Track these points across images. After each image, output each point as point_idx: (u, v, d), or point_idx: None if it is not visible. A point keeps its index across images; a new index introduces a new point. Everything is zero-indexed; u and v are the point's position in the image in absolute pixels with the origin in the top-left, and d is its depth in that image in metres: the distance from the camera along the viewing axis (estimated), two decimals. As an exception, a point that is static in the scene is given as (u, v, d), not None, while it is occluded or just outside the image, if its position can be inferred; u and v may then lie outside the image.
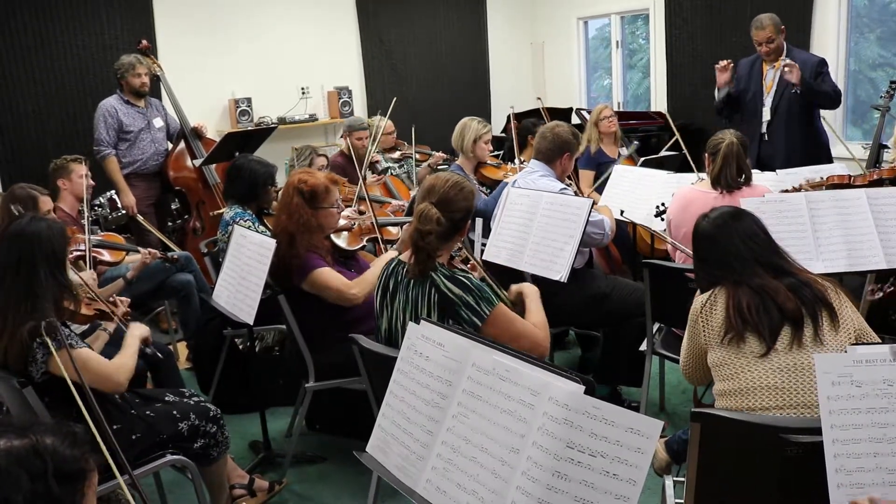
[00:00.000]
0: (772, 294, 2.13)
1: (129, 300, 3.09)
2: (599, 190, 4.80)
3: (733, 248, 2.25)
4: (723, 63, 5.08)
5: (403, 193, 5.42)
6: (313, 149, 5.14)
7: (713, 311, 2.21)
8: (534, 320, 2.59)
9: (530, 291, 2.71)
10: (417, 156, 5.86)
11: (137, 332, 2.79)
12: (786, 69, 4.70)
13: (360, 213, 3.98)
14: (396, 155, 5.90)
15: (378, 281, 2.67)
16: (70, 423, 1.29)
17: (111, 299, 3.08)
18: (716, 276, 2.28)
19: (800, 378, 2.04)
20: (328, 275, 3.15)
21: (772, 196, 3.24)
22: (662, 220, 3.81)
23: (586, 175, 5.40)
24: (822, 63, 4.95)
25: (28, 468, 1.17)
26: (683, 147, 4.83)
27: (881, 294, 3.28)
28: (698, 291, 2.48)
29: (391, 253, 3.32)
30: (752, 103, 5.08)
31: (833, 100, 4.91)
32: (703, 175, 3.81)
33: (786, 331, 2.09)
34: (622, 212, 3.92)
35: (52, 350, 2.32)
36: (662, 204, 3.88)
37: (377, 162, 5.59)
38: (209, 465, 2.81)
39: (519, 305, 2.72)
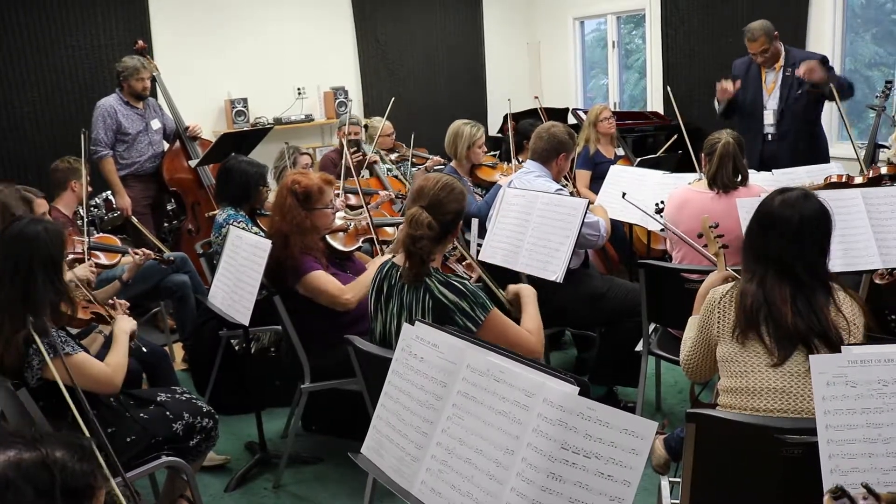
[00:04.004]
0: (774, 308, 2.08)
1: (127, 303, 3.09)
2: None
3: (759, 240, 2.19)
4: (727, 87, 5.02)
5: (397, 189, 5.42)
6: (296, 148, 5.13)
7: (733, 303, 2.17)
8: (528, 325, 2.59)
9: (528, 293, 2.70)
10: (414, 159, 5.86)
11: (125, 326, 2.78)
12: (805, 75, 4.67)
13: (351, 208, 3.95)
14: (394, 157, 5.90)
15: (372, 283, 2.66)
16: (80, 435, 1.27)
17: (110, 302, 3.07)
18: (742, 257, 2.23)
19: (808, 383, 2.00)
20: (322, 279, 3.15)
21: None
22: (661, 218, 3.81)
23: (583, 175, 5.40)
24: (825, 60, 4.95)
25: (35, 482, 1.15)
26: (688, 143, 4.77)
27: (889, 278, 3.22)
28: (706, 282, 2.48)
29: (387, 256, 3.31)
30: (752, 105, 5.08)
31: (852, 87, 4.86)
32: (702, 175, 3.80)
33: (801, 347, 2.06)
34: (623, 194, 3.88)
35: (47, 358, 2.31)
36: (662, 202, 3.87)
37: (375, 163, 5.59)
38: (195, 459, 2.81)
39: (515, 306, 2.71)
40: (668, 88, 4.60)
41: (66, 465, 1.19)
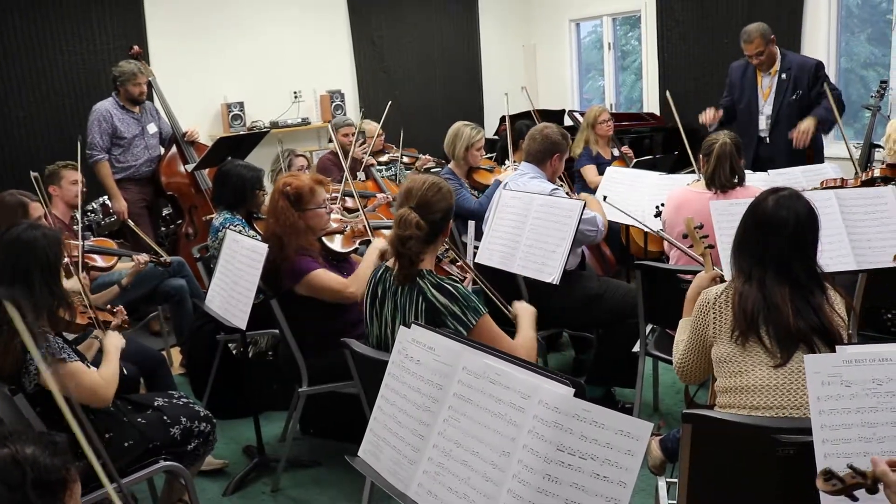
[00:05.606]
0: (774, 309, 2.07)
1: (124, 310, 3.08)
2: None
3: (756, 241, 2.16)
4: (710, 116, 5.11)
5: (394, 192, 5.42)
6: (291, 151, 5.15)
7: (729, 303, 2.15)
8: (519, 342, 2.55)
9: (525, 313, 2.67)
10: (405, 159, 5.87)
11: (117, 342, 2.75)
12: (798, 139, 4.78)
13: (348, 210, 3.95)
14: (385, 158, 5.90)
15: (367, 288, 2.66)
16: (52, 432, 1.29)
17: (108, 308, 3.07)
18: (735, 258, 2.21)
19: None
20: (324, 276, 3.15)
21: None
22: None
23: (590, 169, 5.38)
24: (820, 66, 4.95)
25: (6, 478, 1.17)
26: (686, 143, 4.77)
27: None
28: (694, 283, 2.46)
29: (378, 242, 3.30)
30: (747, 109, 5.09)
31: (842, 106, 4.88)
32: (700, 175, 3.80)
33: (803, 346, 2.05)
34: (605, 198, 3.90)
35: (44, 363, 2.31)
36: (662, 204, 3.88)
37: (372, 165, 5.60)
38: (193, 464, 2.81)
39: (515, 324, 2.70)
40: (668, 93, 4.61)
41: (37, 461, 1.21)
